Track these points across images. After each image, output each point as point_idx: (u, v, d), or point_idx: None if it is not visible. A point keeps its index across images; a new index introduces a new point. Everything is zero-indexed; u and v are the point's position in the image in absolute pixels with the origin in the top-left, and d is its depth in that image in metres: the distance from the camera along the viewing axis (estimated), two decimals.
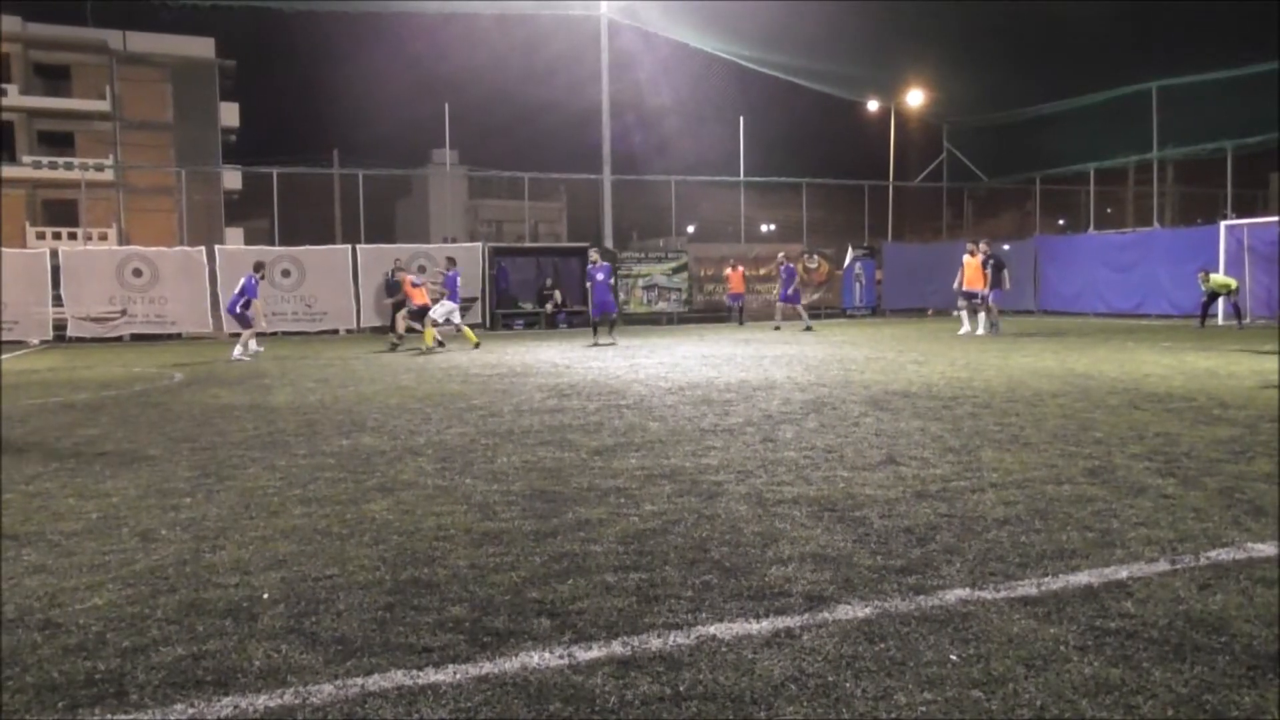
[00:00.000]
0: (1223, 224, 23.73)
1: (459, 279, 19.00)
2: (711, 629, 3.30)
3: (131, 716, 2.70)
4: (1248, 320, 21.61)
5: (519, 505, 5.14)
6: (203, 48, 46.93)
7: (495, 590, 3.74)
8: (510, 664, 3.02)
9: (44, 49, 45.10)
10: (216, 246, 25.88)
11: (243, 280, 17.19)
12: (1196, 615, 3.34)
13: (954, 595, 3.60)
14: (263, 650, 3.16)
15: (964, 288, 20.14)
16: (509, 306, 27.19)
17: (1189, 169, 33.18)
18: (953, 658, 3.02)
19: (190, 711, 2.73)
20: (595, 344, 18.56)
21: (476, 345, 18.20)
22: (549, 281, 27.50)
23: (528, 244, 30.83)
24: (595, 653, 3.11)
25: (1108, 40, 31.14)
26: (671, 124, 36.40)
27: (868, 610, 3.46)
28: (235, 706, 2.75)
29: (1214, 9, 29.12)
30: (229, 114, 48.65)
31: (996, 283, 19.87)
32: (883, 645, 3.13)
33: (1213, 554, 4.05)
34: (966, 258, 20.26)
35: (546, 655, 3.09)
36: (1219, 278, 21.54)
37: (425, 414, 8.90)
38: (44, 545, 4.50)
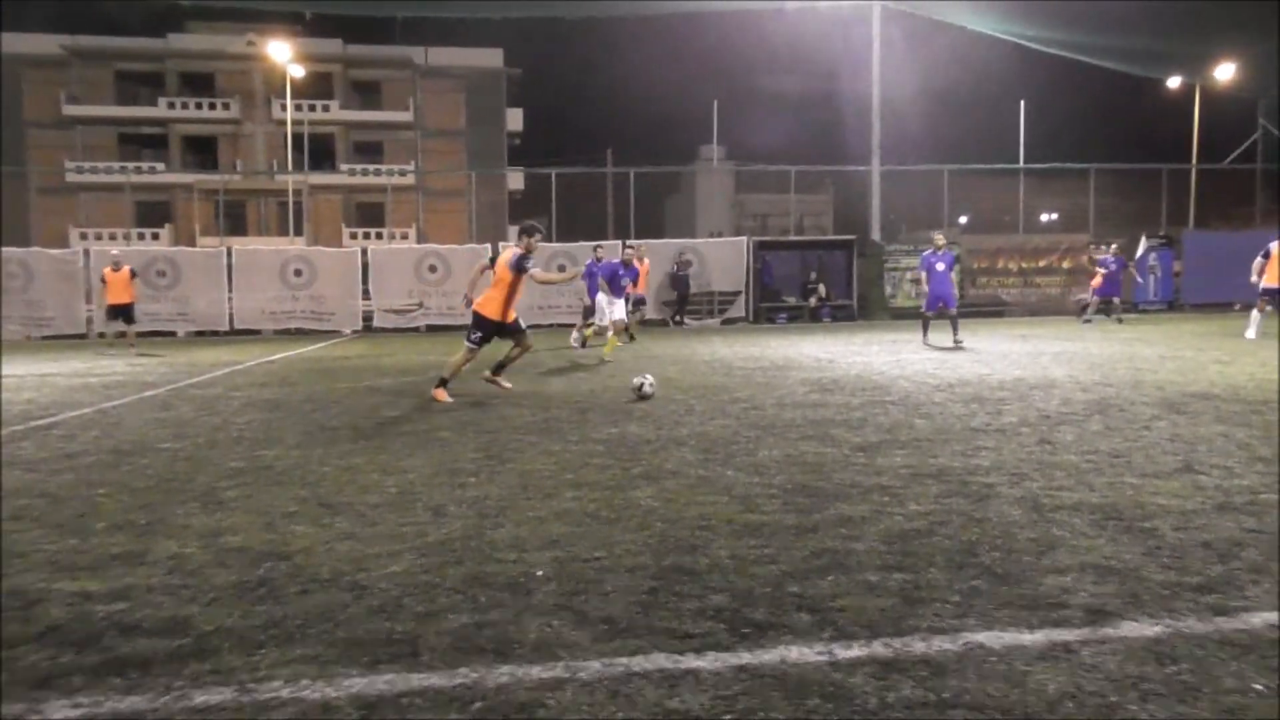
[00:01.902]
0: None
1: (620, 270, 16.44)
2: (980, 636, 3.18)
3: (423, 675, 2.98)
4: None
5: (780, 498, 5.16)
6: (492, 58, 50.45)
7: (755, 582, 3.78)
8: (769, 656, 3.06)
9: (359, 67, 50.31)
10: (500, 243, 27.75)
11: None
12: None
13: (1260, 619, 3.26)
14: (537, 624, 3.38)
15: (1266, 283, 16.46)
16: (772, 300, 27.21)
17: None
18: (1257, 686, 2.74)
19: (474, 676, 2.97)
20: (927, 344, 16.35)
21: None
22: (813, 275, 27.24)
23: (792, 237, 30.64)
24: (856, 651, 3.08)
25: None
26: (945, 111, 35.04)
27: (1158, 629, 3.20)
28: (511, 675, 2.97)
29: None
30: (514, 119, 52.06)
31: None
32: (1174, 668, 2.90)
33: None
34: (1275, 245, 16.49)
35: (806, 650, 3.09)
36: None
37: (689, 405, 9.10)
38: (353, 515, 5.02)
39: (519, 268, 9.84)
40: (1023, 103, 31.50)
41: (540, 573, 3.96)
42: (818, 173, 32.66)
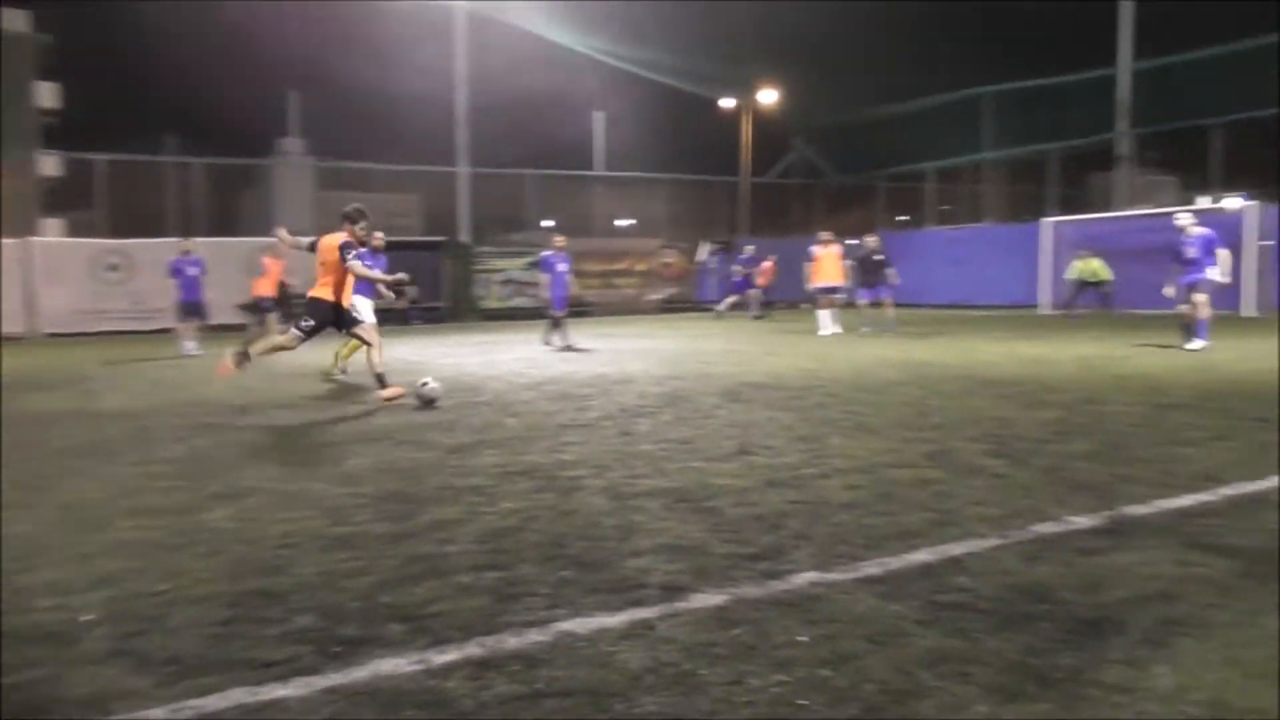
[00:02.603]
0: (1045, 221, 25.24)
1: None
2: (569, 625, 3.30)
3: None
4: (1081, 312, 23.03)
5: (371, 508, 5.01)
6: (15, 20, 43.53)
7: (346, 597, 3.63)
8: (361, 673, 2.94)
9: None
10: (32, 238, 24.20)
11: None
12: (1023, 585, 3.55)
13: (803, 579, 3.71)
14: (85, 677, 2.95)
15: (820, 283, 18.37)
16: None
17: (1017, 169, 35.16)
18: (802, 638, 3.12)
19: None
20: (549, 344, 16.28)
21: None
22: (404, 277, 26.84)
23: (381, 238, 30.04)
24: (451, 655, 3.06)
25: (944, 46, 32.73)
26: (528, 117, 36.21)
27: (722, 598, 3.52)
28: None
29: (1040, 23, 31.03)
30: (48, 94, 45.23)
31: (882, 279, 18.45)
32: (736, 631, 3.20)
33: (1038, 528, 4.31)
34: (818, 249, 18.69)
35: (400, 661, 3.02)
36: (1095, 263, 21.86)
37: (271, 416, 8.56)
38: None
39: (344, 256, 9.05)
40: (599, 113, 33.51)
41: (89, 616, 3.48)
42: (404, 172, 32.27)
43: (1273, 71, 22.69)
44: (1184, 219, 13.61)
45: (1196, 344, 12.71)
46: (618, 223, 38.06)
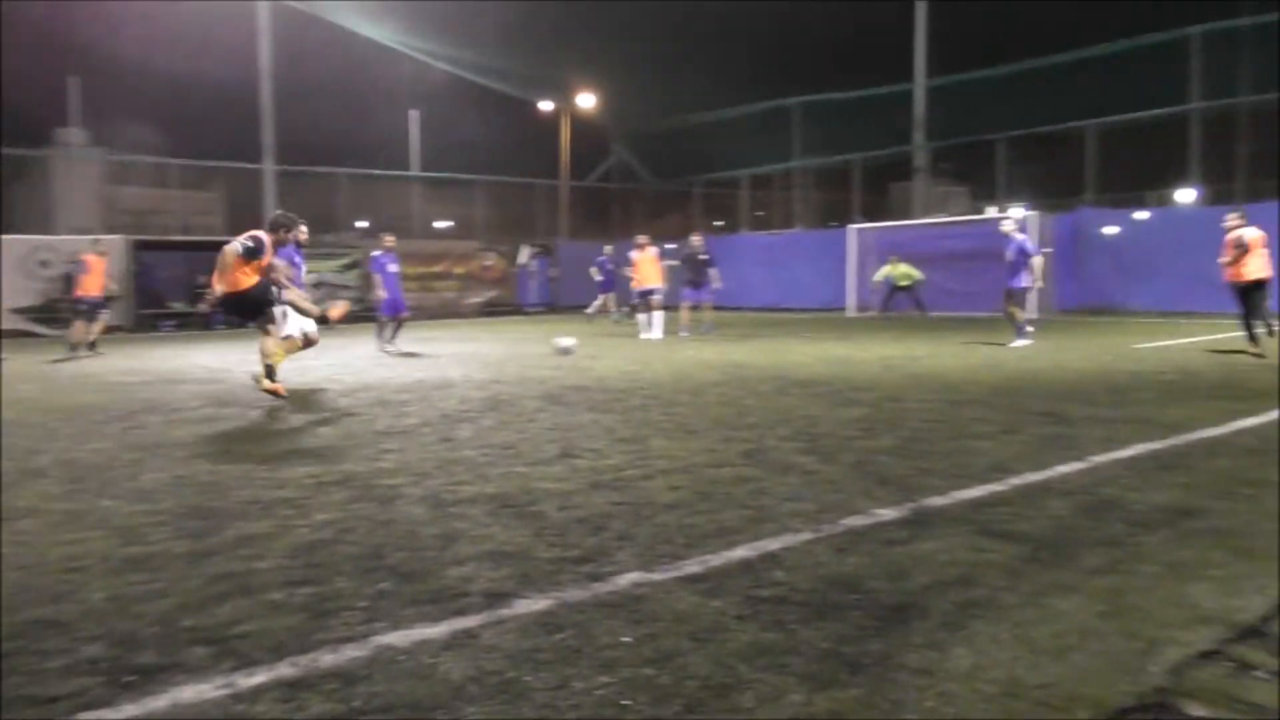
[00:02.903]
0: (851, 227, 26.56)
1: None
2: (389, 638, 3.19)
3: None
4: (888, 314, 24.32)
5: (170, 525, 4.70)
6: None
7: (141, 622, 3.39)
8: (159, 702, 2.74)
9: None
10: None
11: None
12: (835, 577, 3.71)
13: (627, 579, 3.74)
14: None
15: (641, 286, 18.37)
16: (156, 306, 24.85)
17: (824, 177, 36.81)
18: (627, 639, 3.14)
19: None
20: (386, 349, 15.89)
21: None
22: (204, 279, 25.45)
23: (178, 237, 28.28)
24: (260, 678, 2.90)
25: (758, 58, 33.83)
26: (340, 114, 34.98)
27: (546, 602, 3.50)
28: None
29: (845, 38, 32.60)
30: None
31: (706, 280, 18.51)
32: (561, 635, 3.19)
33: (848, 521, 4.51)
34: (636, 254, 18.67)
35: (204, 687, 2.84)
36: (905, 267, 23.10)
37: (49, 429, 7.91)
38: None
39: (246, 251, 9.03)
40: (415, 112, 32.76)
41: None
42: (205, 168, 30.54)
43: (1050, 91, 24.70)
44: (1007, 224, 14.68)
45: (1017, 343, 13.79)
46: (436, 224, 37.38)
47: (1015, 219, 15.33)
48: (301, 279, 11.43)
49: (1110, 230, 22.15)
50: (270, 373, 9.24)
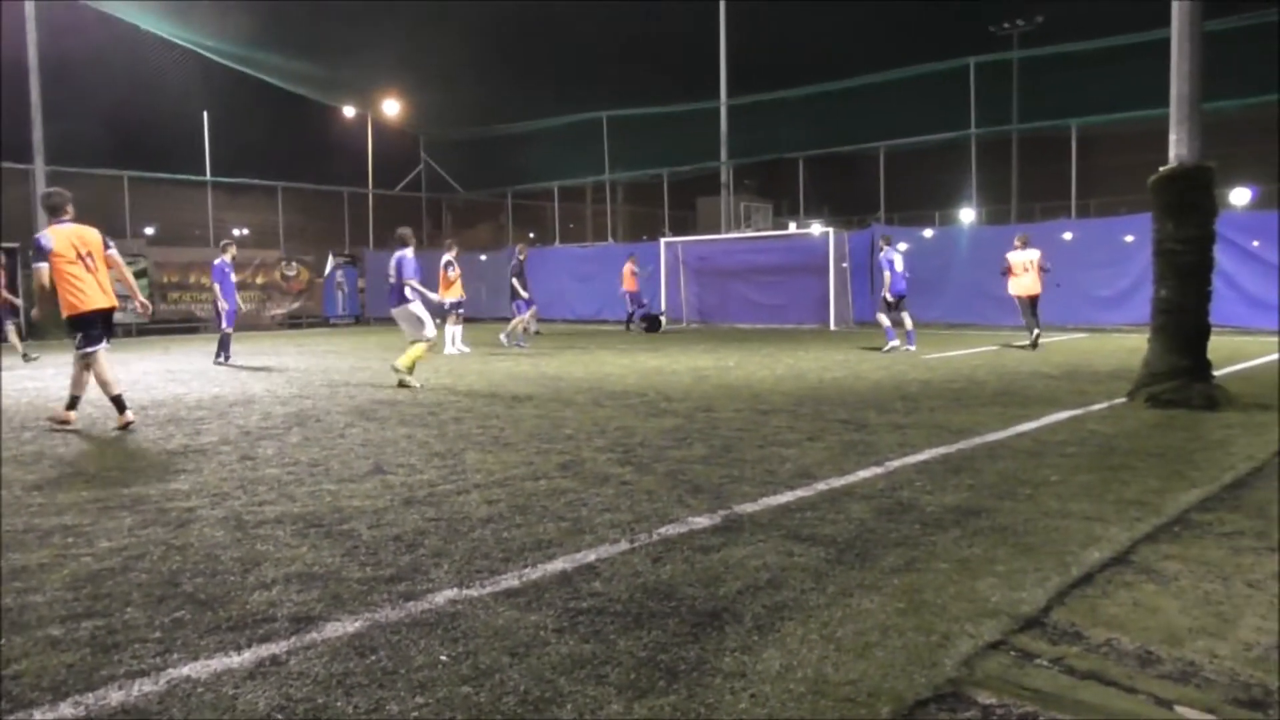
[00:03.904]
0: (662, 240, 27.14)
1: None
2: (185, 669, 3.01)
3: None
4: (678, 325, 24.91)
5: None
6: None
7: None
8: None
9: None
10: None
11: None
12: (651, 586, 3.77)
13: (443, 596, 3.67)
14: None
15: (450, 298, 17.57)
16: None
17: (635, 191, 37.49)
18: (443, 658, 3.08)
19: None
20: (222, 361, 15.24)
21: None
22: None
23: None
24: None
25: (566, 70, 34.08)
26: (124, 114, 32.67)
27: (358, 624, 3.39)
28: None
29: (658, 54, 33.35)
30: None
31: (521, 290, 18.50)
32: (374, 657, 3.10)
33: (663, 530, 4.60)
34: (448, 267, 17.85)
35: None
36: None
37: None
38: None
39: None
40: (206, 113, 31.01)
41: None
42: None
43: (845, 113, 26.10)
44: (883, 240, 16.55)
45: (889, 345, 15.72)
46: (234, 231, 35.53)
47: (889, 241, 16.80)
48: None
49: (901, 247, 23.60)
50: (74, 404, 8.48)
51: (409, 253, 11.87)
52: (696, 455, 6.56)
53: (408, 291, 11.57)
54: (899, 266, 15.98)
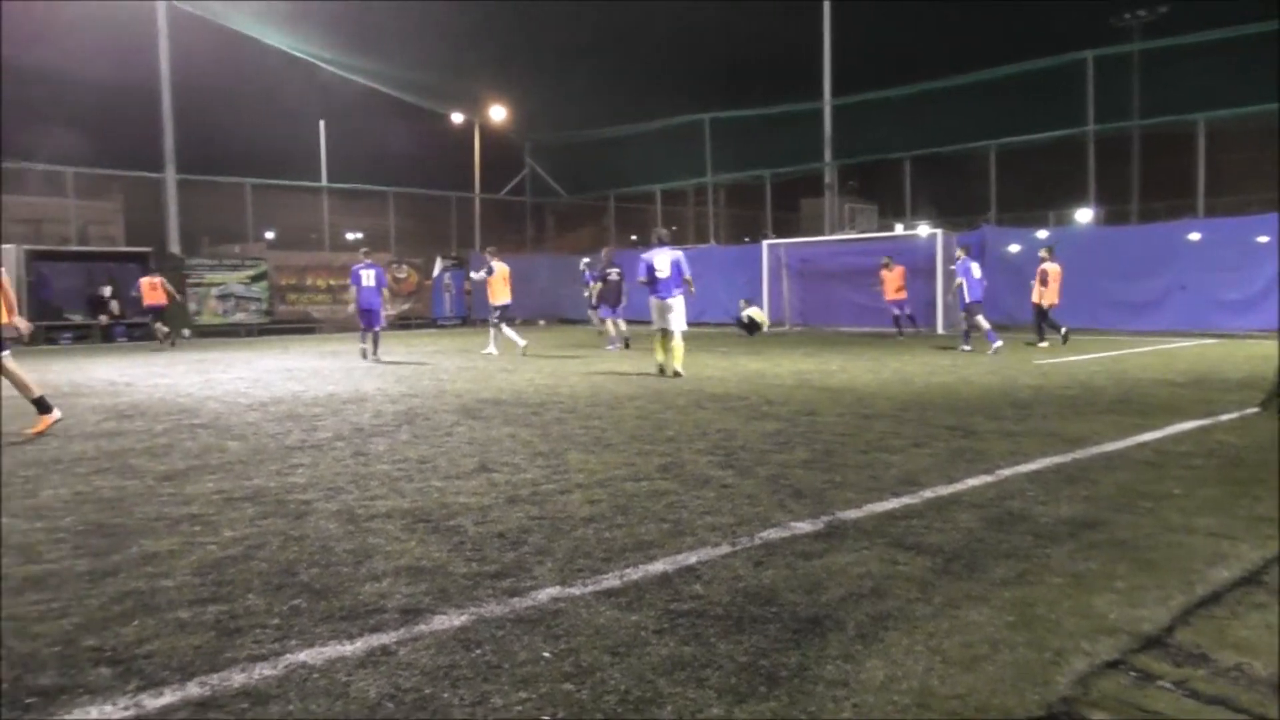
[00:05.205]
0: (765, 242, 26.96)
1: None
2: (301, 656, 3.13)
3: None
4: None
5: (70, 543, 4.52)
6: None
7: (40, 643, 3.25)
8: None
9: None
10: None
11: None
12: (752, 590, 3.76)
13: (545, 594, 3.73)
14: None
15: (493, 301, 18.07)
16: (54, 318, 23.88)
17: (737, 192, 37.30)
18: (545, 654, 3.13)
19: None
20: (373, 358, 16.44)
21: None
22: (107, 291, 24.56)
23: (76, 248, 27.22)
24: (168, 698, 2.82)
25: (668, 74, 34.16)
26: (245, 123, 34.13)
27: (464, 618, 3.47)
28: None
29: (757, 57, 33.16)
30: None
31: (620, 296, 19.00)
32: (479, 651, 3.16)
33: (764, 534, 4.57)
34: (497, 266, 18.16)
35: (108, 708, 2.74)
36: (754, 312, 23.12)
37: None
38: None
39: None
40: (323, 122, 32.18)
41: None
42: (103, 176, 29.45)
43: (952, 112, 25.51)
44: (961, 250, 17.25)
45: (965, 347, 16.56)
46: (347, 236, 36.75)
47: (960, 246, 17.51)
48: None
49: (1013, 248, 22.92)
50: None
51: (679, 252, 12.91)
52: (798, 459, 6.50)
53: (684, 287, 12.79)
54: (976, 274, 16.64)
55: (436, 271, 30.87)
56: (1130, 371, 12.39)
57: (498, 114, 35.49)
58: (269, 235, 36.09)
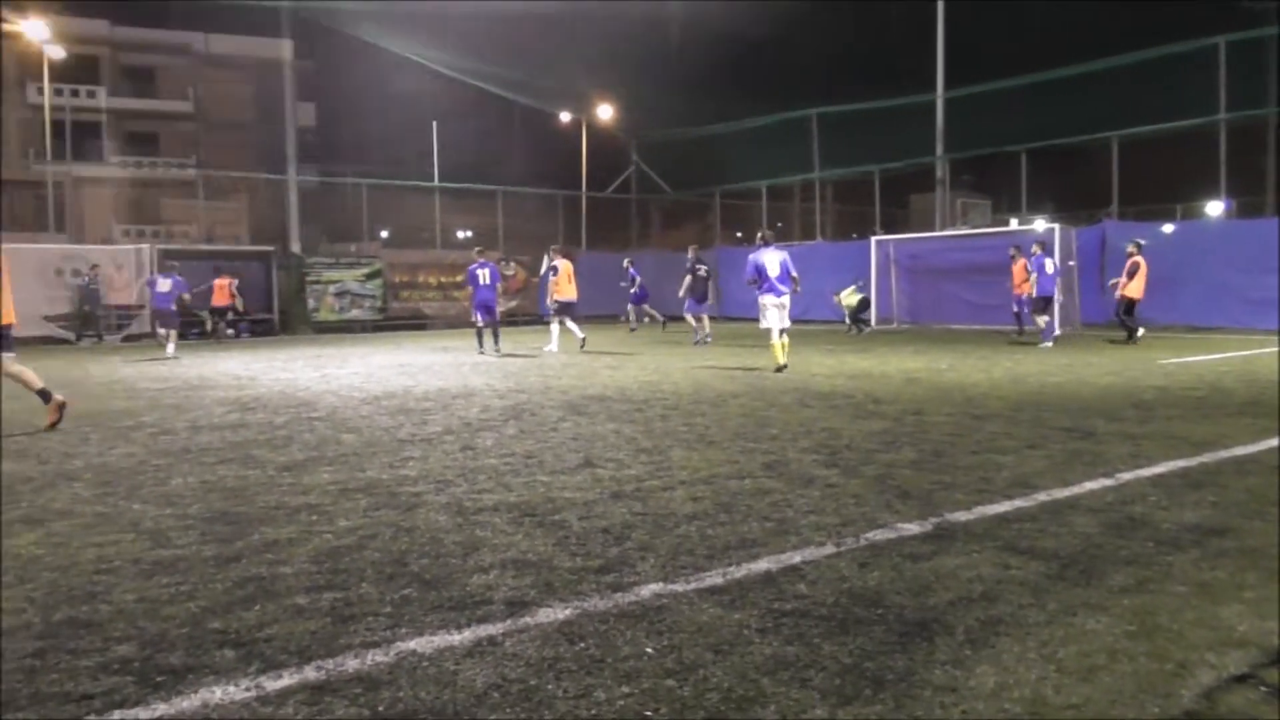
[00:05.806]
0: (873, 239, 26.50)
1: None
2: (411, 644, 3.22)
3: None
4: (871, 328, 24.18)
5: (197, 529, 4.75)
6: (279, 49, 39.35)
7: (170, 624, 3.43)
8: (188, 702, 2.78)
9: (130, 51, 44.91)
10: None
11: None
12: (857, 591, 3.70)
13: (649, 590, 3.75)
14: None
15: (561, 298, 18.53)
16: (185, 316, 25.06)
17: (844, 189, 36.76)
18: (648, 650, 3.14)
19: None
20: (482, 353, 17.08)
21: None
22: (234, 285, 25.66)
23: (203, 246, 28.55)
24: (286, 680, 2.93)
25: (775, 69, 33.86)
26: (361, 125, 35.24)
27: (568, 611, 3.52)
28: None
29: (866, 50, 32.58)
30: (304, 114, 41.48)
31: (706, 292, 19.65)
32: (582, 645, 3.20)
33: (870, 535, 4.50)
34: (561, 264, 18.76)
35: (231, 689, 2.87)
36: (845, 296, 22.90)
37: (82, 434, 8.01)
38: None
39: None
40: (435, 123, 32.96)
41: None
42: (228, 178, 30.81)
43: (1071, 102, 24.58)
44: (1036, 246, 17.99)
45: (1044, 344, 16.69)
46: (458, 234, 37.57)
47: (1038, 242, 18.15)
48: None
49: (1140, 241, 21.95)
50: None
51: (785, 252, 13.39)
52: (906, 459, 6.37)
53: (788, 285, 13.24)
54: (1049, 269, 17.34)
55: (544, 269, 31.25)
56: (1263, 372, 11.74)
57: (605, 112, 35.77)
58: (383, 234, 37.16)
